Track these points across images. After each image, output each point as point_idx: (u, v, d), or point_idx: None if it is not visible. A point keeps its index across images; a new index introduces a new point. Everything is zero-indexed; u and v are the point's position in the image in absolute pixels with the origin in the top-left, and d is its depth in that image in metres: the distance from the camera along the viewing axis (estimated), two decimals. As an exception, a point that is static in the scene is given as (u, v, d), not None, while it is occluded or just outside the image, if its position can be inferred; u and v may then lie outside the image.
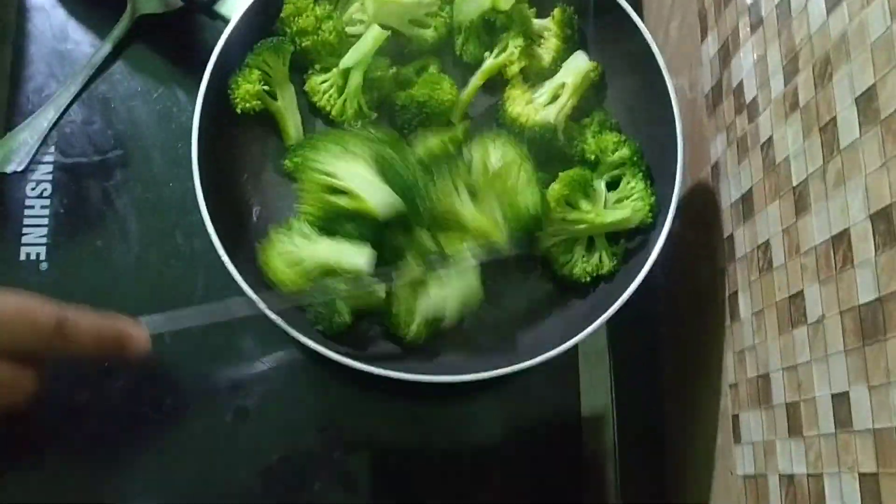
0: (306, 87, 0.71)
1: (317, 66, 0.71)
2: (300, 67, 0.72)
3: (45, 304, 0.53)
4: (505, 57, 0.71)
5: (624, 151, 0.69)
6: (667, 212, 0.65)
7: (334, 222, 0.64)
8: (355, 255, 0.63)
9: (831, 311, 0.51)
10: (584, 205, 0.68)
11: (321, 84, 0.71)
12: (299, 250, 0.64)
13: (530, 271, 0.72)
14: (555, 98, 0.70)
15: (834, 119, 0.51)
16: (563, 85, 0.70)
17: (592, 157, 0.70)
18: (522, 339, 0.70)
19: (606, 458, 0.74)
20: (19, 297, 0.53)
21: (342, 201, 0.63)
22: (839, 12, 0.51)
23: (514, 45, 0.71)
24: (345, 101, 0.70)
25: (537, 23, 0.73)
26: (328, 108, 0.71)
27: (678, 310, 0.79)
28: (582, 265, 0.69)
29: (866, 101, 0.48)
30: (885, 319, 0.45)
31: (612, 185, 0.70)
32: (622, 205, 0.68)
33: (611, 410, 0.76)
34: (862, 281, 0.48)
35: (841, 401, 0.50)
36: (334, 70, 0.70)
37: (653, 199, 0.68)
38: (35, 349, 0.53)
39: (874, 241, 0.47)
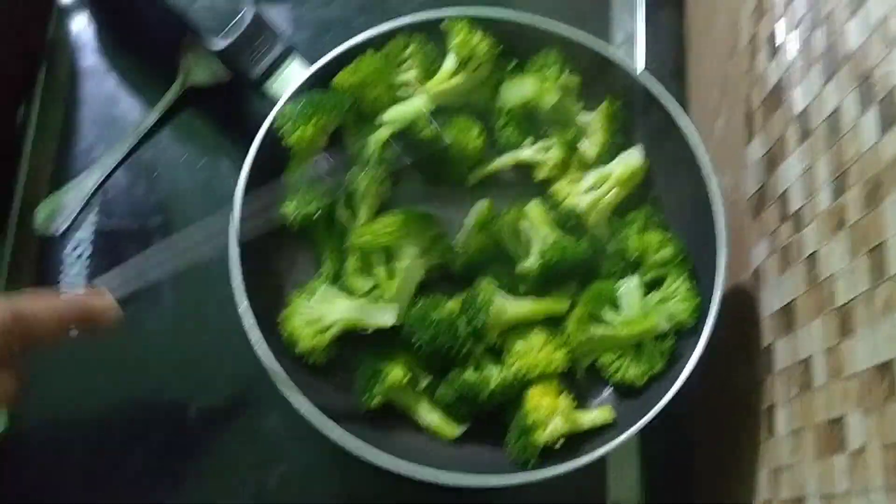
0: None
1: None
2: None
3: None
4: (543, 156, 0.71)
5: (667, 251, 0.68)
6: (706, 317, 0.64)
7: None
8: (381, 313, 0.64)
9: (873, 444, 0.49)
10: (611, 316, 0.67)
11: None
12: (319, 308, 0.65)
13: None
14: (596, 187, 0.70)
15: (884, 243, 0.50)
16: (608, 176, 0.70)
17: (635, 255, 0.69)
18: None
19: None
20: None
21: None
22: (893, 134, 0.50)
23: (555, 152, 0.71)
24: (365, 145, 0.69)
25: (584, 117, 0.72)
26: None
27: (714, 416, 0.77)
28: (636, 367, 0.67)
29: (919, 231, 0.46)
30: (931, 462, 0.43)
31: (655, 285, 0.69)
32: (656, 310, 0.67)
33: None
34: (908, 417, 0.46)
35: (881, 541, 0.47)
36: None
37: (697, 300, 0.66)
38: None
39: (922, 377, 0.45)
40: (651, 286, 0.69)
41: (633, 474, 0.74)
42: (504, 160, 0.72)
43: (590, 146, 0.72)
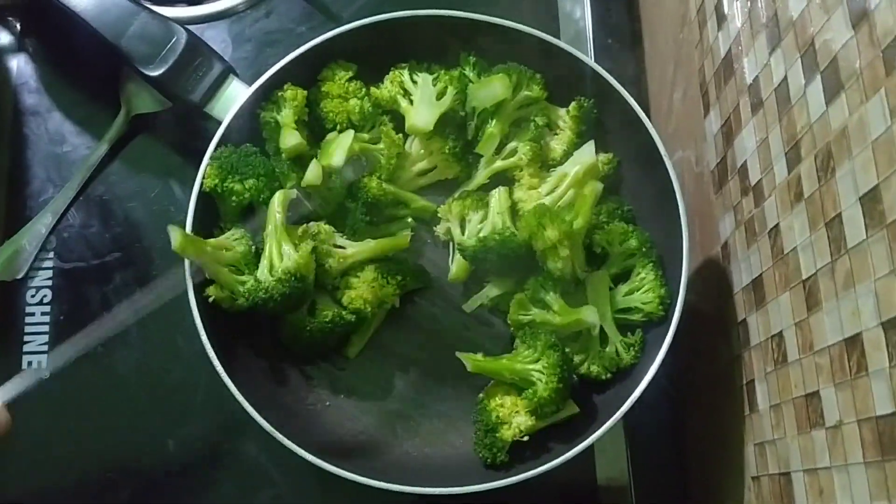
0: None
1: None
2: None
3: None
4: (513, 161, 0.70)
5: (632, 242, 0.67)
6: (675, 306, 0.63)
7: None
8: None
9: (849, 419, 0.48)
10: (552, 302, 0.66)
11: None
12: None
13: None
14: (555, 188, 0.69)
15: (839, 216, 0.49)
16: (565, 176, 0.68)
17: (599, 249, 0.68)
18: (539, 437, 0.67)
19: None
20: None
21: None
22: (838, 104, 0.49)
23: (523, 152, 0.69)
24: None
25: (556, 111, 0.71)
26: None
27: (698, 391, 0.76)
28: (599, 362, 0.66)
29: (871, 202, 0.45)
30: (904, 437, 0.43)
31: (624, 277, 0.68)
32: (623, 301, 0.67)
33: (629, 494, 0.73)
34: (878, 391, 0.45)
35: (864, 517, 0.47)
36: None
37: (663, 290, 0.65)
38: None
39: (888, 351, 0.44)
40: (619, 278, 0.68)
41: (621, 455, 0.74)
42: (479, 179, 0.71)
43: (557, 144, 0.70)
